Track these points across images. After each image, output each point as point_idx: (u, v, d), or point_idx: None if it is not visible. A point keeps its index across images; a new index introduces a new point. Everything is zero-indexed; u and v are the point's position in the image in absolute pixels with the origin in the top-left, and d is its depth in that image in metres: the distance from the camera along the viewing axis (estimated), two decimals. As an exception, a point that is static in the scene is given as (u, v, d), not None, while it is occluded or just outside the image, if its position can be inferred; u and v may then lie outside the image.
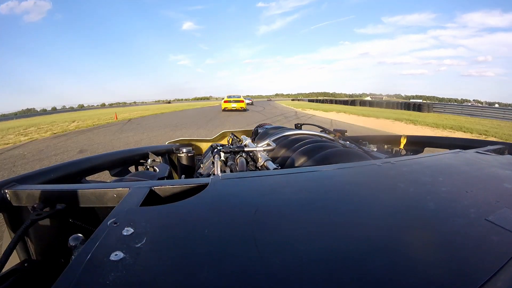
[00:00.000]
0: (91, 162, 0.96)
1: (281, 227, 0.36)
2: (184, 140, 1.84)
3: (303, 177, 0.55)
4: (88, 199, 0.52)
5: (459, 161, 0.69)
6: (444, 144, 1.29)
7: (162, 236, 0.33)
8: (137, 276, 0.26)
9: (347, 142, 1.19)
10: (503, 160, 0.69)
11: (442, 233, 0.35)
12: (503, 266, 0.28)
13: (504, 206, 0.41)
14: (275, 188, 0.49)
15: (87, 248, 0.30)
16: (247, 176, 0.54)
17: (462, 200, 0.45)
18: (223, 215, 0.39)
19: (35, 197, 0.54)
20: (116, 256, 0.28)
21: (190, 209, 0.40)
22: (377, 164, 0.62)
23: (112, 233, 0.32)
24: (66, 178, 0.81)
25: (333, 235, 0.34)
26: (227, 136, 1.93)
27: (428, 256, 0.30)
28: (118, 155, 1.13)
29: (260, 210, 0.39)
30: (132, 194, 0.46)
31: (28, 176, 0.68)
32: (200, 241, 0.32)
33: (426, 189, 0.49)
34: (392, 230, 0.36)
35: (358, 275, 0.27)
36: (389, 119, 12.15)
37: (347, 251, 0.31)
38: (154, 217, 0.37)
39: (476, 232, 0.35)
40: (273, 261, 0.29)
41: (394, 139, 1.48)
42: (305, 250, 0.31)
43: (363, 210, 0.41)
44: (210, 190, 0.46)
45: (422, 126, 9.68)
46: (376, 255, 0.30)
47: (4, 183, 0.57)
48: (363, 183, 0.54)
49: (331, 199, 0.45)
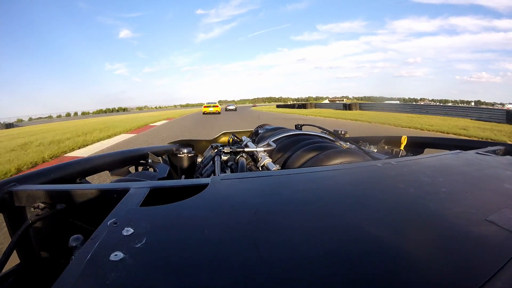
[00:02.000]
0: (91, 162, 0.96)
1: (281, 227, 0.36)
2: (184, 141, 1.84)
3: (303, 177, 0.55)
4: (88, 199, 0.52)
5: (459, 161, 0.69)
6: (444, 145, 1.29)
7: (162, 236, 0.33)
8: (137, 276, 0.26)
9: (348, 142, 1.19)
10: (503, 161, 0.69)
11: (442, 233, 0.35)
12: (503, 266, 0.28)
13: (504, 206, 0.41)
14: (275, 189, 0.49)
15: (87, 248, 0.30)
16: (247, 176, 0.54)
17: (462, 200, 0.45)
18: (223, 216, 0.39)
19: (35, 197, 0.54)
20: (116, 256, 0.28)
21: (190, 210, 0.40)
22: (377, 165, 0.62)
23: (112, 233, 0.32)
24: (66, 178, 0.81)
25: (334, 236, 0.34)
26: (227, 137, 1.93)
27: (428, 256, 0.30)
28: (118, 155, 1.13)
29: (260, 210, 0.39)
30: (132, 194, 0.46)
31: (28, 176, 0.68)
32: (200, 242, 0.32)
33: (426, 190, 0.49)
34: (393, 230, 0.36)
35: (358, 275, 0.27)
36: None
37: (347, 252, 0.31)
38: (154, 217, 0.37)
39: (476, 232, 0.35)
40: (273, 261, 0.29)
41: (394, 140, 1.48)
42: (306, 250, 0.31)
43: (364, 210, 0.41)
44: (210, 191, 0.46)
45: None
46: (377, 256, 0.30)
47: (4, 183, 0.57)
48: (363, 184, 0.54)
49: (332, 200, 0.45)
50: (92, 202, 0.52)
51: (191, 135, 8.21)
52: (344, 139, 1.22)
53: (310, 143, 1.03)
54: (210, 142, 1.86)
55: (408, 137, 1.38)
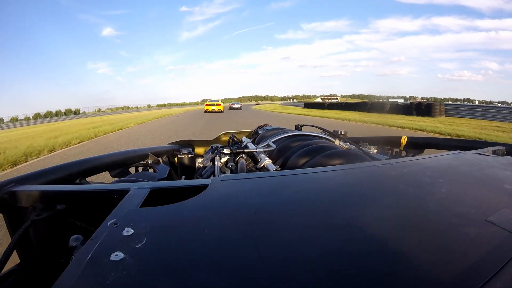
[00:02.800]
0: (91, 163, 0.96)
1: (281, 228, 0.36)
2: (185, 141, 1.84)
3: (303, 178, 0.55)
4: (88, 200, 0.52)
5: (459, 162, 0.69)
6: (444, 145, 1.29)
7: (162, 236, 0.33)
8: (137, 277, 0.26)
9: (347, 143, 1.19)
10: (503, 161, 0.69)
11: (442, 234, 0.35)
12: (503, 266, 0.28)
13: (504, 207, 0.41)
14: (275, 190, 0.49)
15: (87, 248, 0.30)
16: (247, 177, 0.54)
17: (462, 200, 0.45)
18: (223, 216, 0.39)
19: (35, 198, 0.54)
20: (116, 257, 0.28)
21: (190, 210, 0.40)
22: (377, 165, 0.62)
23: (112, 234, 0.32)
24: (66, 178, 0.81)
25: (333, 237, 0.34)
26: (227, 137, 1.93)
27: (428, 257, 0.30)
28: (118, 156, 1.13)
29: (260, 211, 0.39)
30: (132, 195, 0.46)
31: (28, 177, 0.68)
32: (200, 242, 0.32)
33: (426, 190, 0.49)
34: (393, 231, 0.36)
35: (358, 276, 0.27)
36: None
37: (347, 252, 0.31)
38: (154, 218, 0.37)
39: (476, 232, 0.35)
40: (273, 261, 0.29)
41: (394, 140, 1.48)
42: (306, 251, 0.31)
43: (364, 211, 0.41)
44: (210, 191, 0.46)
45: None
46: (377, 256, 0.30)
47: (4, 184, 0.57)
48: (363, 184, 0.54)
49: (332, 201, 0.45)
50: (92, 202, 0.52)
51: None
52: (344, 140, 1.22)
53: (310, 143, 1.03)
54: (210, 143, 1.86)
55: (408, 138, 1.38)
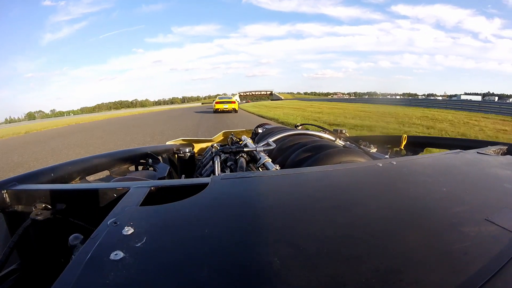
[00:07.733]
0: (91, 162, 0.96)
1: (281, 227, 0.36)
2: (184, 140, 1.84)
3: (303, 177, 0.55)
4: (88, 199, 0.52)
5: (460, 161, 0.69)
6: (444, 144, 1.29)
7: (162, 235, 0.33)
8: (137, 276, 0.26)
9: (347, 142, 1.19)
10: (503, 160, 0.69)
11: (443, 233, 0.35)
12: (503, 266, 0.28)
13: (504, 206, 0.41)
14: (274, 188, 0.49)
15: (87, 247, 0.30)
16: (246, 176, 0.54)
17: (463, 200, 0.45)
18: (223, 215, 0.39)
19: (35, 197, 0.54)
20: (116, 256, 0.28)
21: (190, 209, 0.40)
22: (377, 164, 0.62)
23: (112, 233, 0.32)
24: (66, 177, 0.81)
25: (334, 235, 0.34)
26: (227, 136, 1.93)
27: (428, 256, 0.30)
28: (118, 155, 1.13)
29: (260, 210, 0.39)
30: (132, 193, 0.46)
31: (28, 176, 0.68)
32: (199, 241, 0.32)
33: (426, 189, 0.49)
34: (393, 230, 0.36)
35: (358, 275, 0.27)
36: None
37: (348, 251, 0.31)
38: (154, 217, 0.37)
39: (476, 231, 0.35)
40: (273, 261, 0.29)
41: (394, 139, 1.48)
42: (306, 249, 0.31)
43: (364, 210, 0.41)
44: (210, 190, 0.46)
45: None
46: (377, 255, 0.30)
47: (4, 183, 0.57)
48: (363, 183, 0.54)
49: (331, 200, 0.45)
50: (92, 201, 0.52)
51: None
52: (344, 139, 1.22)
53: (310, 142, 1.03)
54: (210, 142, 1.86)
55: (408, 137, 1.38)
